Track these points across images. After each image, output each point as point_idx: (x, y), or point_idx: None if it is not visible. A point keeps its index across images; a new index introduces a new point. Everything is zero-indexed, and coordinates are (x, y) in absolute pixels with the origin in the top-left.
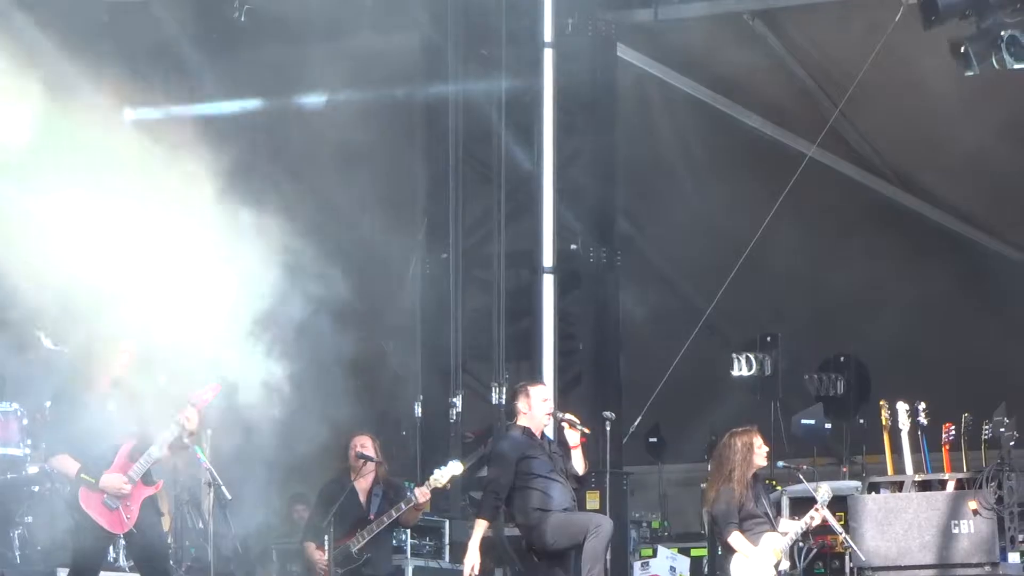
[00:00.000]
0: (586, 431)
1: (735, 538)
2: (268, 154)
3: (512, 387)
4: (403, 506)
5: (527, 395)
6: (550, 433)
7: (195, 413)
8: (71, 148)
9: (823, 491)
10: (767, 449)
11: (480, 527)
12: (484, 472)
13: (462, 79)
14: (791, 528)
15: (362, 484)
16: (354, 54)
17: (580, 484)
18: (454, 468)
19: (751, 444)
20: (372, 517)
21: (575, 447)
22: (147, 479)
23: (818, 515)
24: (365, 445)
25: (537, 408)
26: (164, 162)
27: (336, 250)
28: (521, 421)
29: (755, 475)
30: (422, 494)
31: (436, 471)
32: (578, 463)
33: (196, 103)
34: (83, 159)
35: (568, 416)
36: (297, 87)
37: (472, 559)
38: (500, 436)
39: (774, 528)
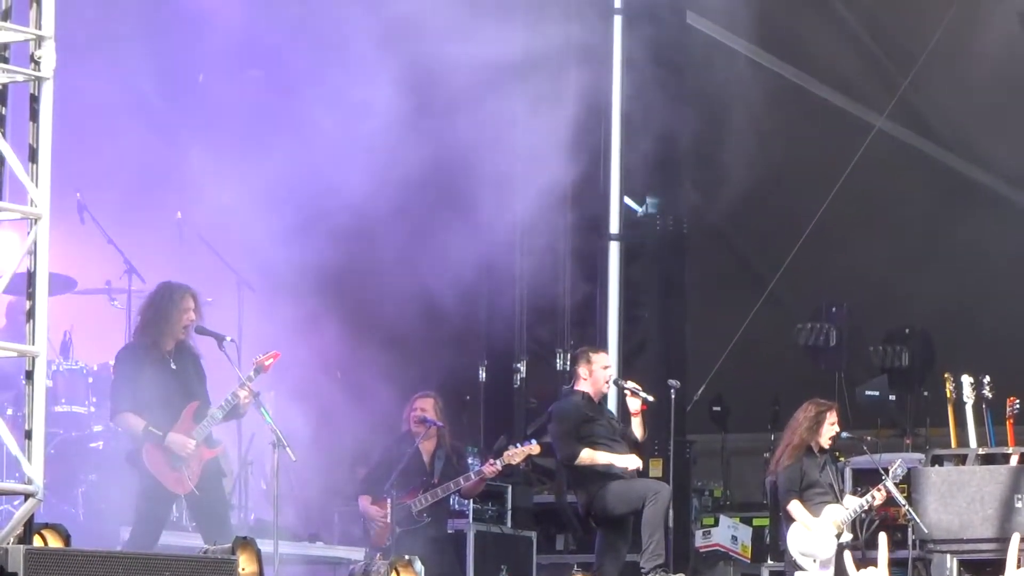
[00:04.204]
0: (649, 398)
1: (794, 507)
2: None
3: (574, 352)
4: (472, 476)
5: (588, 361)
6: (612, 400)
7: (248, 391)
8: None
9: (897, 466)
10: (837, 429)
11: (590, 453)
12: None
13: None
14: (854, 504)
15: (426, 446)
16: None
17: (637, 451)
18: (530, 448)
19: (823, 418)
20: (436, 481)
21: (636, 414)
22: (209, 442)
23: (879, 494)
24: (426, 408)
25: (598, 374)
26: None
27: None
28: (581, 386)
29: (822, 447)
30: (492, 470)
31: (511, 448)
32: (637, 429)
33: None
34: None
35: (630, 384)
36: None
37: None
38: (560, 399)
39: (838, 500)
